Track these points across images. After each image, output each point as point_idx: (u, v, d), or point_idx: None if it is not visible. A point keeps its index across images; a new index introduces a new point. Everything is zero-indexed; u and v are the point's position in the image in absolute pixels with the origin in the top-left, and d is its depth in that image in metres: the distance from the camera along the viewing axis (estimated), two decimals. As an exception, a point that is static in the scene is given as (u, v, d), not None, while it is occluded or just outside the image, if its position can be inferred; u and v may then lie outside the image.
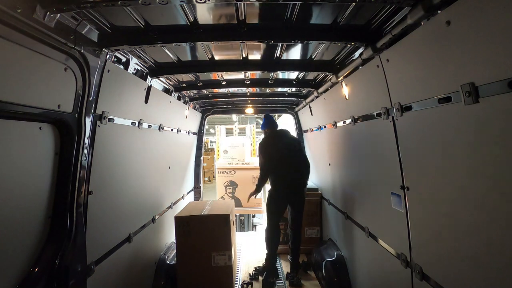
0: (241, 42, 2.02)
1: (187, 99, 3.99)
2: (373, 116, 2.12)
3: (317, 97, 3.40)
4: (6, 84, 1.18)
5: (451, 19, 1.18)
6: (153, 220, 2.99)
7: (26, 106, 1.30)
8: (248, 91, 4.03)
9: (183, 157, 4.37)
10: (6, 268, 1.31)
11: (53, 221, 1.59)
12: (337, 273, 3.04)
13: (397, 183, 1.82)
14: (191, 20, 1.81)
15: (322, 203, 4.06)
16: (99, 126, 1.88)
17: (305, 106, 4.17)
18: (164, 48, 2.19)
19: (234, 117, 16.31)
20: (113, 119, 2.08)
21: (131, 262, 2.44)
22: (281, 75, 3.28)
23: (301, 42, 1.98)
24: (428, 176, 1.53)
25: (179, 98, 3.65)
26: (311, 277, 3.47)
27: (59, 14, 1.36)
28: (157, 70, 2.64)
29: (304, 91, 3.92)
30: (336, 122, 3.05)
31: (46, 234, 1.56)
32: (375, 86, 1.99)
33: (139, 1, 1.38)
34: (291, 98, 4.34)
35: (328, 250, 3.45)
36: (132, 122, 2.42)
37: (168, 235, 3.54)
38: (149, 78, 2.60)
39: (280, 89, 3.95)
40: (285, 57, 2.57)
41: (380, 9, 1.64)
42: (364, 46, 1.96)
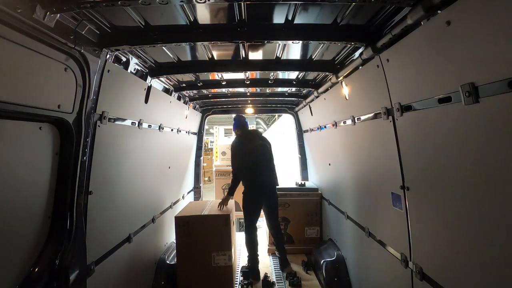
0: (241, 42, 2.02)
1: (187, 99, 4.00)
2: (373, 116, 2.12)
3: (317, 97, 3.40)
4: (6, 84, 1.18)
5: (451, 19, 1.18)
6: (153, 220, 2.99)
7: (26, 106, 1.30)
8: (248, 91, 4.04)
9: (183, 157, 4.37)
10: (6, 268, 1.31)
11: (53, 221, 1.59)
12: (337, 273, 3.04)
13: (397, 183, 1.82)
14: (191, 20, 1.81)
15: (322, 203, 4.06)
16: (99, 126, 1.88)
17: (305, 106, 4.17)
18: (164, 48, 2.19)
19: (234, 117, 16.28)
20: (113, 119, 2.08)
21: (131, 262, 2.44)
22: (281, 75, 3.28)
23: (301, 42, 1.98)
24: (428, 176, 1.53)
25: (179, 98, 3.65)
26: (311, 277, 3.46)
27: (59, 14, 1.36)
28: (157, 70, 2.64)
29: (304, 91, 3.92)
30: (336, 122, 3.05)
31: (46, 234, 1.55)
32: (375, 86, 1.99)
33: (139, 1, 1.38)
34: (291, 98, 4.34)
35: (328, 250, 3.45)
36: (132, 122, 2.42)
37: (168, 235, 3.53)
38: (149, 78, 2.60)
39: (280, 89, 3.96)
40: (285, 57, 2.57)
41: (380, 9, 1.64)
42: (364, 46, 1.96)
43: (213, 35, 1.95)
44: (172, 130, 3.60)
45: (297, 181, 4.51)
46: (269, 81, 3.33)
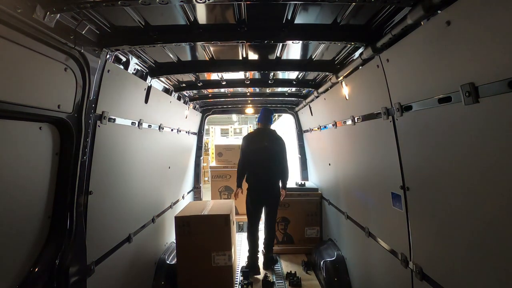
0: (241, 42, 2.02)
1: (187, 99, 4.00)
2: (373, 116, 2.12)
3: (317, 97, 3.40)
4: (6, 84, 1.18)
5: (451, 19, 1.18)
6: (153, 220, 2.99)
7: (26, 106, 1.30)
8: (248, 91, 4.04)
9: (183, 157, 4.37)
10: (6, 268, 1.31)
11: (53, 221, 1.58)
12: (337, 273, 3.04)
13: (397, 183, 1.82)
14: (191, 20, 1.81)
15: (322, 203, 4.06)
16: (99, 126, 1.88)
17: (305, 106, 4.17)
18: (164, 48, 2.19)
19: (234, 117, 16.31)
20: (113, 119, 2.08)
21: (131, 262, 2.44)
22: (281, 75, 3.28)
23: (301, 42, 1.98)
24: (428, 176, 1.53)
25: (179, 98, 3.65)
26: (311, 277, 3.46)
27: (59, 14, 1.36)
28: (157, 70, 2.64)
29: (304, 91, 3.92)
30: (336, 122, 3.05)
31: (46, 234, 1.55)
32: (375, 86, 1.99)
33: (139, 1, 1.38)
34: (291, 98, 4.34)
35: (328, 250, 3.45)
36: (132, 122, 2.42)
37: (168, 235, 3.54)
38: (149, 78, 2.60)
39: (280, 89, 3.96)
40: (285, 57, 2.56)
41: (380, 9, 1.64)
42: (364, 46, 1.96)
43: (213, 35, 1.95)
44: (172, 130, 3.60)
45: (297, 181, 4.52)
46: (269, 81, 3.33)
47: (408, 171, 1.74)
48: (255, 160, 3.57)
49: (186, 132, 4.33)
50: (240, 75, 3.19)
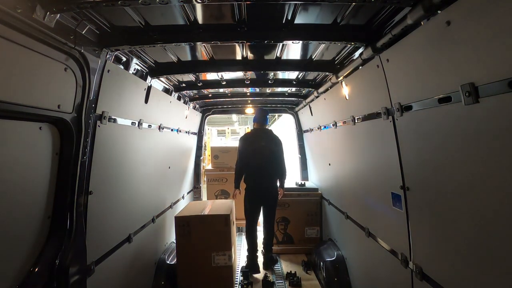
0: (241, 42, 2.02)
1: (187, 99, 4.00)
2: (373, 116, 2.12)
3: (317, 97, 3.40)
4: (6, 84, 1.18)
5: (451, 19, 1.18)
6: (153, 220, 2.99)
7: (26, 106, 1.30)
8: (248, 91, 4.03)
9: (183, 157, 4.37)
10: (6, 268, 1.31)
11: (53, 221, 1.58)
12: (337, 273, 3.04)
13: (397, 183, 1.82)
14: (191, 20, 1.81)
15: (322, 203, 4.06)
16: (99, 126, 1.88)
17: (305, 106, 4.17)
18: (164, 48, 2.19)
19: (234, 117, 16.30)
20: (113, 119, 2.08)
21: (131, 262, 2.44)
22: (281, 75, 3.28)
23: (301, 42, 1.98)
24: (428, 176, 1.53)
25: (179, 98, 3.65)
26: (311, 277, 3.46)
27: (59, 14, 1.36)
28: (157, 70, 2.64)
29: (304, 91, 3.92)
30: (336, 122, 3.05)
31: (46, 234, 1.55)
32: (375, 86, 1.99)
33: (139, 1, 1.38)
34: (291, 98, 4.34)
35: (328, 250, 3.45)
36: (132, 122, 2.42)
37: (168, 235, 3.54)
38: (149, 78, 2.60)
39: (280, 89, 3.96)
40: (285, 57, 2.56)
41: (380, 9, 1.64)
42: (364, 46, 1.96)
43: (213, 35, 1.95)
44: (172, 130, 3.60)
45: (297, 181, 4.51)
46: (269, 81, 3.33)
47: (408, 171, 1.74)
48: (252, 160, 3.58)
49: (186, 132, 4.33)
50: (240, 75, 3.19)
